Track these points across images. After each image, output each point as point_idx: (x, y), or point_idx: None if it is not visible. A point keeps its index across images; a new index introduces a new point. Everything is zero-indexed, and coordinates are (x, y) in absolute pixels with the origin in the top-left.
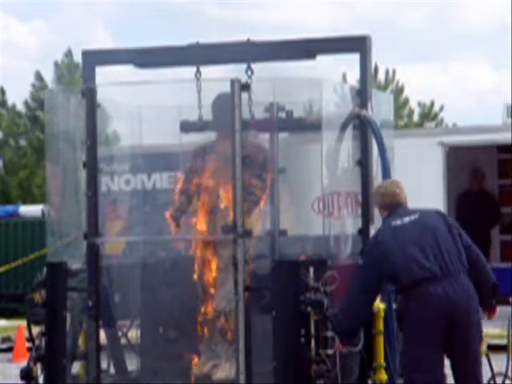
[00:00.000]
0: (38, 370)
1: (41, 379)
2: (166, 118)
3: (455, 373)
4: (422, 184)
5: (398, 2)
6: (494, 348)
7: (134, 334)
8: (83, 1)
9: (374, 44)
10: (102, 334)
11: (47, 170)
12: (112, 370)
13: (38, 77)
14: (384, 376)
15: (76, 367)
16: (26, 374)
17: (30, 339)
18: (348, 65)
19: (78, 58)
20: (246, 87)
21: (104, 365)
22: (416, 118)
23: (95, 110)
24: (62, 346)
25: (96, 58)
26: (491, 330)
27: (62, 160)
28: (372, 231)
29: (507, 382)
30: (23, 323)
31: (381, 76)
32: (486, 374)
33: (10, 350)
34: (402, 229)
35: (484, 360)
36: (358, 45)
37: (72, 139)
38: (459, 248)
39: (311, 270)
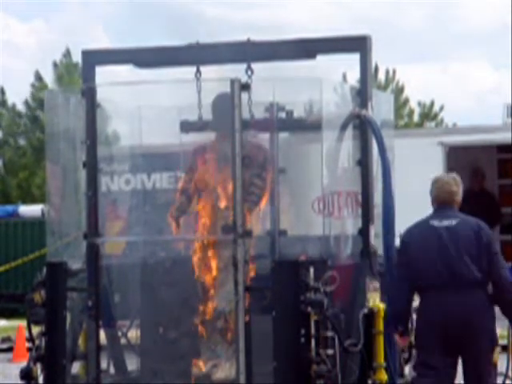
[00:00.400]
0: (38, 370)
1: (41, 379)
2: (166, 118)
3: (465, 379)
4: (422, 184)
5: (397, 2)
6: None
7: (133, 334)
8: (82, 1)
9: (374, 44)
10: (102, 334)
11: (47, 169)
12: (112, 370)
13: (38, 77)
14: (384, 376)
15: (76, 367)
16: (26, 374)
17: (30, 339)
18: (348, 65)
19: (76, 58)
20: (246, 87)
21: (104, 365)
22: (416, 118)
23: (95, 110)
24: (62, 346)
25: (96, 57)
26: None
27: (61, 160)
28: (372, 231)
29: (507, 382)
30: (23, 323)
31: (381, 76)
32: None
33: (10, 350)
34: (435, 231)
35: None
36: (358, 45)
37: (72, 139)
38: (481, 263)
39: (311, 270)
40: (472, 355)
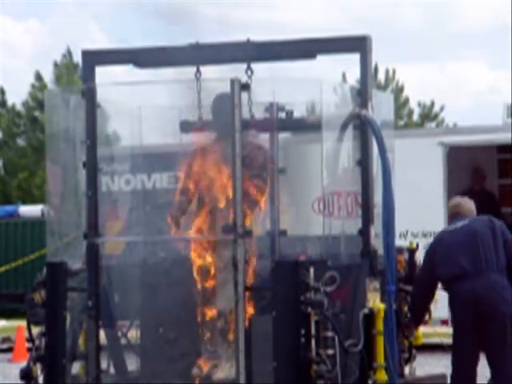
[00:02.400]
0: (38, 370)
1: (41, 379)
2: (166, 118)
3: (490, 364)
4: (422, 184)
5: (397, 3)
6: None
7: (133, 334)
8: (80, 0)
9: (374, 44)
10: (102, 334)
11: (47, 170)
12: (112, 370)
13: (38, 77)
14: (384, 376)
15: (76, 367)
16: (26, 374)
17: (30, 339)
18: (348, 65)
19: (76, 58)
20: (245, 87)
21: (104, 365)
22: (416, 118)
23: (95, 110)
24: (62, 346)
25: (96, 57)
26: None
27: (61, 160)
28: (372, 231)
29: None
30: (23, 323)
31: (381, 76)
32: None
33: (9, 350)
34: (452, 232)
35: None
36: (358, 45)
37: (72, 139)
38: (498, 250)
39: (311, 270)
40: (498, 339)
